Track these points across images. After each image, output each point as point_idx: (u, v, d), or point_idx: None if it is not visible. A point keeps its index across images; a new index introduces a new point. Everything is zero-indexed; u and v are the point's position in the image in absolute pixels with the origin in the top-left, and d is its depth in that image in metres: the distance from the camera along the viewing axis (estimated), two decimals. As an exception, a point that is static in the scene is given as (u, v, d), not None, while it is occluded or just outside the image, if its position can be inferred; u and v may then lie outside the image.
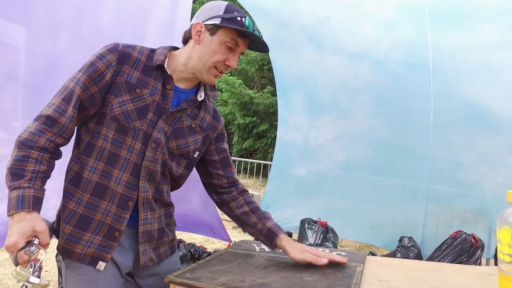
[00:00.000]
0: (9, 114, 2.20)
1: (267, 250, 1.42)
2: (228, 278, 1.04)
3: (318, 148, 4.42)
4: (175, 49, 1.23)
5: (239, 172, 8.43)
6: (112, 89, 1.11)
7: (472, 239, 3.39)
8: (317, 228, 3.79)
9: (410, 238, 3.68)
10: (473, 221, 3.67)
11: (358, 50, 3.88)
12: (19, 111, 2.22)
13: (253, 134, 9.75)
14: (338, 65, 4.07)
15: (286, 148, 4.64)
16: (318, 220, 3.87)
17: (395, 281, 1.10)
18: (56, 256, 2.58)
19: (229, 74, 9.75)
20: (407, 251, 3.59)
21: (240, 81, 9.62)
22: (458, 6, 3.44)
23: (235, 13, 1.12)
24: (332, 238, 3.74)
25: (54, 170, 1.10)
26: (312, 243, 3.65)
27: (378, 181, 4.01)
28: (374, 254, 3.42)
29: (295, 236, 4.07)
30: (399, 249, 3.64)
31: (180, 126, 1.20)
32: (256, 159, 8.42)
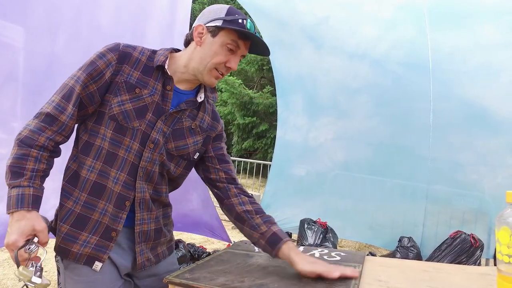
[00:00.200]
0: (8, 114, 2.20)
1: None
2: (227, 279, 1.04)
3: (317, 148, 4.41)
4: (177, 51, 1.23)
5: (239, 172, 8.42)
6: (111, 88, 1.11)
7: (471, 239, 3.39)
8: (316, 228, 3.78)
9: (410, 238, 3.68)
10: (472, 221, 3.67)
11: (358, 50, 3.88)
12: (19, 111, 2.21)
13: (252, 134, 9.77)
14: (337, 65, 4.07)
15: (286, 148, 4.63)
16: (318, 220, 3.87)
17: (394, 281, 1.10)
18: (55, 256, 2.58)
19: (228, 74, 9.74)
20: (407, 251, 3.58)
21: (239, 81, 9.64)
22: (458, 6, 3.44)
23: (237, 15, 1.13)
24: (331, 238, 3.74)
25: (54, 170, 1.10)
26: (311, 243, 3.65)
27: (377, 181, 4.00)
28: (373, 254, 3.42)
29: (295, 236, 4.07)
30: (399, 249, 3.64)
31: (179, 127, 1.19)
32: (255, 159, 8.42)
